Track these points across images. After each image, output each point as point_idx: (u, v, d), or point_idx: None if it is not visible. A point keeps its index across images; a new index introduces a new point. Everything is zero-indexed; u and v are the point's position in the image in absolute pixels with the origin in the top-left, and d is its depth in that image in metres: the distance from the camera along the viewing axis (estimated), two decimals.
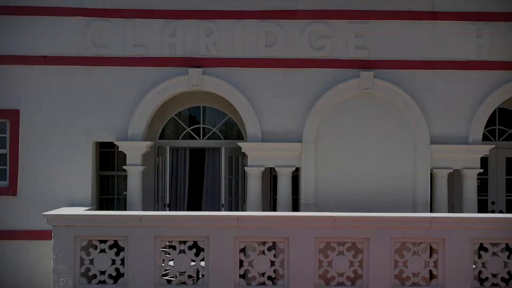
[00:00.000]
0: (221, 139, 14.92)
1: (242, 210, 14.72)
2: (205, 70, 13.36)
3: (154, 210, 14.53)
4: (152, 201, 14.77)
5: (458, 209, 14.36)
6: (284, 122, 13.42)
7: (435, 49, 13.43)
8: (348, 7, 13.42)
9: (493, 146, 13.68)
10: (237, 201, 14.84)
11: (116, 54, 13.44)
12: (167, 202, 14.37)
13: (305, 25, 13.40)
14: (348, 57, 13.41)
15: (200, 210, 14.83)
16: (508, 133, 15.04)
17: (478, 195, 14.85)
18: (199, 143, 14.98)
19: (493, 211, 14.99)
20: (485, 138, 14.95)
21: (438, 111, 13.43)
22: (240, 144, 13.51)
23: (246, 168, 13.52)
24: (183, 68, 13.35)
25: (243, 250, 11.71)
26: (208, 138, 15.03)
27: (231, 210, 14.56)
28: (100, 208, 14.88)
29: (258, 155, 13.39)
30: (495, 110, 14.97)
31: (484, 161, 14.74)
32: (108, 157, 15.22)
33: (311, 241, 11.34)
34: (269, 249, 11.45)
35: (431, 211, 13.41)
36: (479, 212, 14.57)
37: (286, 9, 13.40)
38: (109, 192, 15.28)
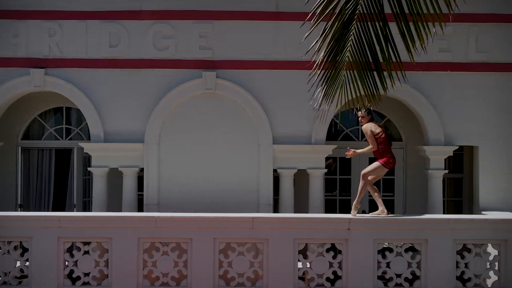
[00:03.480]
0: (83, 139, 14.83)
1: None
2: (48, 70, 13.29)
3: (16, 211, 14.48)
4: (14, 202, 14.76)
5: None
6: (128, 122, 13.37)
7: (279, 49, 13.35)
8: (192, 7, 13.32)
9: (335, 146, 13.56)
10: None
11: None
12: (19, 203, 14.35)
13: (149, 26, 13.32)
14: (192, 57, 13.33)
15: (64, 210, 14.81)
16: None
17: (342, 195, 14.90)
18: (59, 143, 14.91)
19: None
20: (349, 138, 14.97)
21: (281, 111, 13.36)
22: (82, 144, 13.48)
23: (89, 169, 13.49)
24: (26, 69, 13.28)
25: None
26: (71, 139, 14.98)
27: (87, 211, 14.54)
28: None
29: (101, 155, 13.33)
30: None
31: (348, 161, 14.75)
32: None
33: (133, 241, 11.34)
34: (94, 249, 11.48)
35: (277, 211, 13.44)
36: (342, 212, 14.60)
37: (130, 10, 13.31)
38: None
